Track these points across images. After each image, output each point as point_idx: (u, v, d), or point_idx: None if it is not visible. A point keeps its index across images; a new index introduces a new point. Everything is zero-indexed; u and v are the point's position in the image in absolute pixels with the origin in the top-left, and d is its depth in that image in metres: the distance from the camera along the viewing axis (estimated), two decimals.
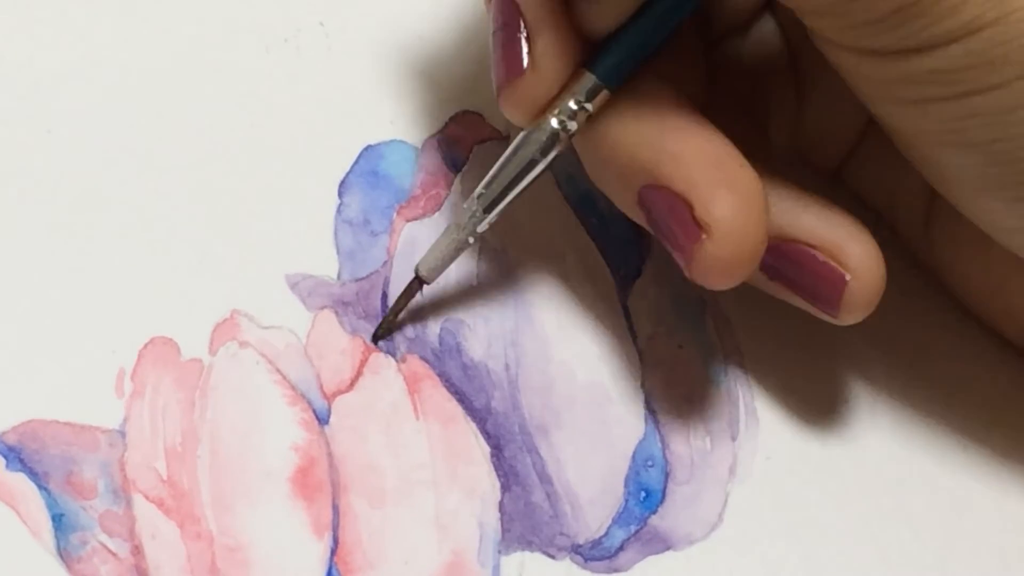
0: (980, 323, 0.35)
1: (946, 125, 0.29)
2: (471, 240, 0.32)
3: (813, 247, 0.31)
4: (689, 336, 0.34)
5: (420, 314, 0.33)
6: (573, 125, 0.30)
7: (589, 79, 0.30)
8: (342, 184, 0.34)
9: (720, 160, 0.30)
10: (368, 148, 0.35)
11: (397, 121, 0.35)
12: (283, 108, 0.35)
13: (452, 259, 0.32)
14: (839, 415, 0.34)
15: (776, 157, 0.34)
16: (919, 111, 0.29)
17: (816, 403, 0.34)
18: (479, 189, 0.32)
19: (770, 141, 0.34)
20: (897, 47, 0.28)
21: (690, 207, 0.29)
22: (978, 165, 0.29)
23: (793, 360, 0.34)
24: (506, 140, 0.35)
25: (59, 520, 0.30)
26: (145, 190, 0.34)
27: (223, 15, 0.36)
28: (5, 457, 0.31)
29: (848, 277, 0.31)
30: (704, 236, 0.29)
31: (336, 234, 0.34)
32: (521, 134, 0.31)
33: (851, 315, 0.31)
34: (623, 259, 0.35)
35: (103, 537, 0.30)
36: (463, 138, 0.35)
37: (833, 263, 0.31)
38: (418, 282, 0.33)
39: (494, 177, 0.31)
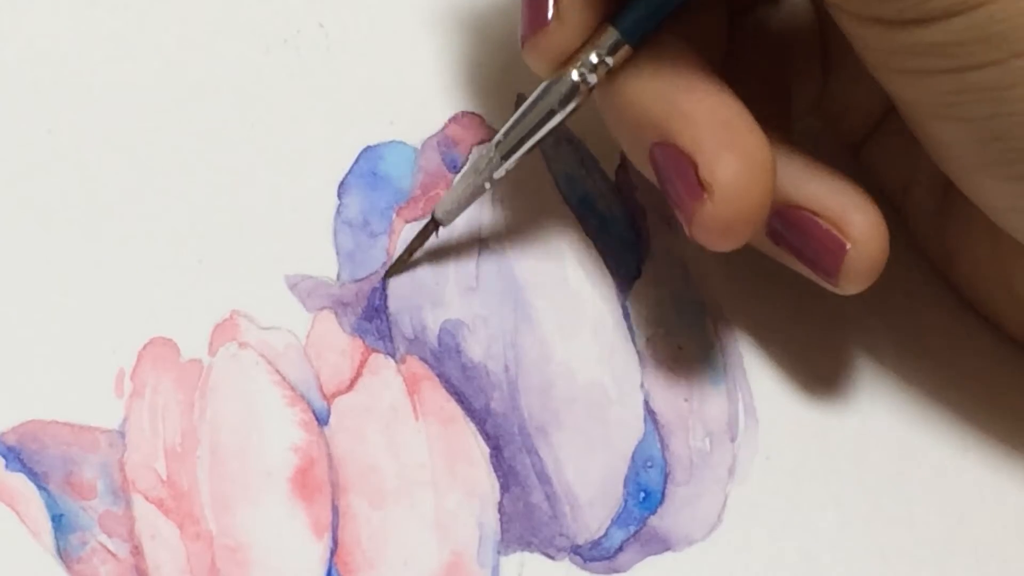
0: (982, 318, 0.35)
1: (943, 98, 0.29)
2: (487, 186, 0.32)
3: (816, 214, 0.31)
4: (689, 336, 0.34)
5: (420, 315, 0.33)
6: (593, 78, 0.31)
7: (612, 34, 0.30)
8: (341, 185, 0.34)
9: (730, 122, 0.30)
10: (367, 149, 0.35)
11: (397, 122, 0.35)
12: (283, 108, 0.35)
13: (468, 203, 0.33)
14: (839, 415, 0.34)
15: (793, 125, 0.34)
16: (918, 82, 0.29)
17: (816, 403, 0.34)
18: (498, 136, 0.32)
19: (789, 108, 0.34)
20: (900, 17, 0.28)
21: (695, 166, 0.30)
22: (974, 140, 0.29)
23: (793, 361, 0.34)
24: None
25: (59, 520, 0.30)
26: (145, 190, 0.34)
27: (223, 15, 0.36)
28: (5, 457, 0.31)
29: (848, 246, 0.31)
30: (706, 196, 0.29)
31: (335, 235, 0.34)
32: (542, 85, 0.31)
33: (850, 284, 0.31)
34: (623, 260, 0.35)
35: (103, 537, 0.30)
36: (462, 139, 0.35)
37: (835, 231, 0.31)
38: (434, 224, 0.33)
39: (513, 125, 0.32)
